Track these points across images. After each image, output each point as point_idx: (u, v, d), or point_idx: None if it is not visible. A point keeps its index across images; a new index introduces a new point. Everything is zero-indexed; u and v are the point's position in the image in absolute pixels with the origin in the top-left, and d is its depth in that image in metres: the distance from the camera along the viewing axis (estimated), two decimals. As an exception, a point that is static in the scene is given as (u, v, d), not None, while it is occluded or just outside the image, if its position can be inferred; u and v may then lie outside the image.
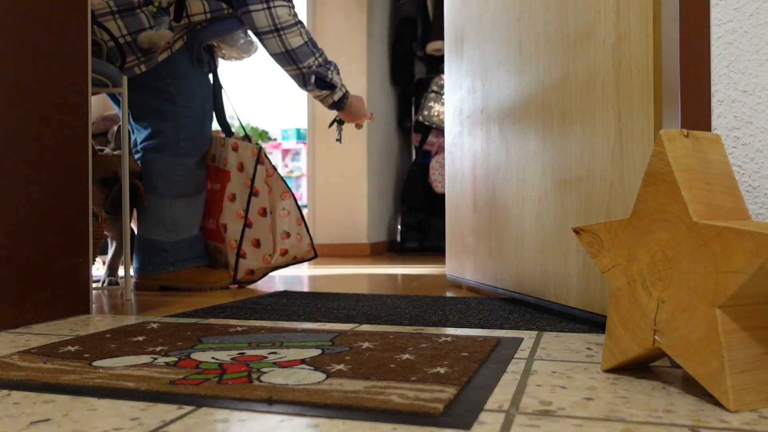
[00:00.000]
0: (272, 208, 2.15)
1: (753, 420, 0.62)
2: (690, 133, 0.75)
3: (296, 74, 1.96)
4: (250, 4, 1.84)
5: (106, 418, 0.66)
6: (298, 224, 2.20)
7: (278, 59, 1.94)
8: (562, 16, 1.27)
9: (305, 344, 1.02)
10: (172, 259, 1.96)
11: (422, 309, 1.46)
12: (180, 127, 1.96)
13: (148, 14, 1.85)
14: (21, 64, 1.28)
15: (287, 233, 2.16)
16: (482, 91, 1.74)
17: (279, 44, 1.88)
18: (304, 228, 2.23)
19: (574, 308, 1.23)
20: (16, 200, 1.26)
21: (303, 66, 1.92)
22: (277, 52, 1.90)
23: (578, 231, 0.87)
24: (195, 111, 2.00)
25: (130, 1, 1.83)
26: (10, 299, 1.24)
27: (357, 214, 3.92)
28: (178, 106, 1.97)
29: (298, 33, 1.89)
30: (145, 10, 1.85)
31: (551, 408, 0.67)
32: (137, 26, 1.84)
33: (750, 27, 0.90)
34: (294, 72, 1.95)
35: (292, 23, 1.88)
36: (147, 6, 1.85)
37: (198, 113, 2.01)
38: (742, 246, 0.63)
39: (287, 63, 1.93)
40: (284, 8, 1.86)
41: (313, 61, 1.93)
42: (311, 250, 2.23)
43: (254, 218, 2.09)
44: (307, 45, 1.91)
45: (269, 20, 1.85)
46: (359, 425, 0.62)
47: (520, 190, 1.48)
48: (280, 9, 1.85)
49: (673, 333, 0.71)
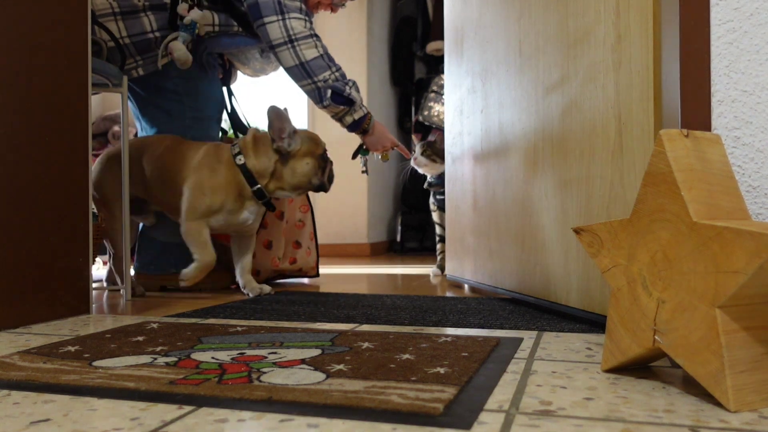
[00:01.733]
0: (289, 216, 2.16)
1: (753, 420, 0.62)
2: (690, 133, 0.75)
3: (311, 89, 1.88)
4: (265, 16, 1.82)
5: (106, 418, 0.66)
6: (310, 239, 2.23)
7: (293, 73, 1.87)
8: (562, 16, 1.27)
9: (305, 344, 1.01)
10: (174, 260, 1.96)
11: (422, 309, 1.46)
12: (186, 127, 1.97)
13: (151, 19, 1.86)
14: (21, 64, 1.28)
15: (299, 243, 2.19)
16: (482, 91, 1.74)
17: (293, 56, 1.83)
18: (314, 244, 2.25)
19: (574, 308, 1.23)
20: (16, 200, 1.26)
21: (318, 79, 1.85)
22: (291, 65, 1.84)
23: (578, 231, 0.87)
24: (202, 112, 2.01)
25: (134, 4, 1.84)
26: (10, 299, 1.24)
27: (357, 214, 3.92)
28: (186, 107, 1.98)
29: (313, 45, 1.84)
30: (149, 14, 1.85)
31: (551, 408, 0.67)
32: (138, 29, 1.85)
33: (750, 27, 0.90)
34: (309, 86, 1.88)
35: (307, 35, 1.84)
36: (151, 10, 1.86)
37: (205, 114, 2.02)
38: (742, 246, 0.63)
39: (302, 77, 1.86)
40: (299, 20, 1.83)
41: (329, 74, 1.86)
42: (315, 267, 2.25)
43: (270, 219, 2.10)
44: (322, 58, 1.85)
45: (283, 32, 1.81)
46: (359, 425, 0.62)
47: (520, 190, 1.48)
48: (294, 21, 1.82)
49: (673, 333, 0.71)
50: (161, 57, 1.87)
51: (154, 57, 1.90)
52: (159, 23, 1.87)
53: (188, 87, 1.97)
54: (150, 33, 1.86)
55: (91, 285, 1.45)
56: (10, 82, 1.26)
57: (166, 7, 1.87)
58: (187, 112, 1.98)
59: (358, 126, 1.98)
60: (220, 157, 1.76)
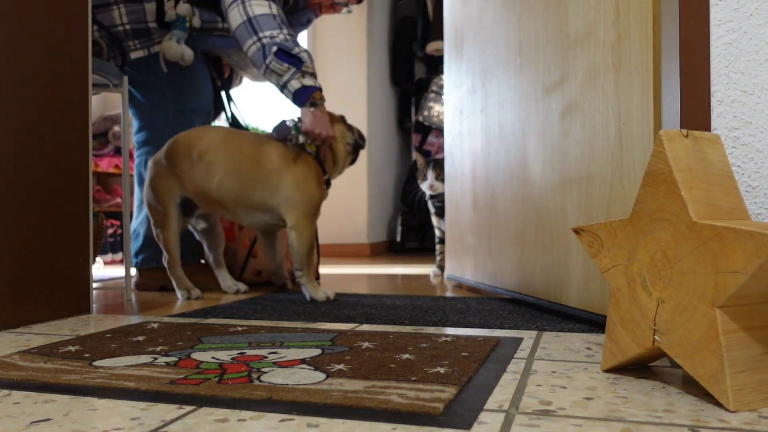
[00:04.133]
0: None
1: (753, 420, 0.62)
2: (690, 133, 0.75)
3: (256, 48, 1.67)
4: None
5: (107, 418, 0.66)
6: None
7: (239, 34, 1.70)
8: (562, 16, 1.27)
9: (305, 344, 1.02)
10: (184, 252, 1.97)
11: (422, 309, 1.46)
12: (169, 120, 1.95)
13: (122, 11, 1.87)
14: (21, 65, 1.28)
15: None
16: (482, 91, 1.74)
17: (241, 13, 1.67)
18: (316, 248, 2.25)
19: (574, 308, 1.23)
20: (16, 200, 1.26)
21: (264, 35, 1.65)
22: (239, 22, 1.68)
23: (578, 231, 0.87)
24: (185, 105, 1.99)
25: None
26: (11, 299, 1.24)
27: (357, 214, 3.92)
28: (168, 101, 1.97)
29: (267, 6, 1.68)
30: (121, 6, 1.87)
31: (551, 408, 0.67)
32: (138, 16, 1.87)
33: (750, 27, 0.90)
34: (254, 47, 1.67)
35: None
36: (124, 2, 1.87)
37: (188, 108, 1.99)
38: (742, 246, 0.63)
39: (247, 35, 1.67)
40: None
41: (277, 33, 1.67)
42: (316, 271, 2.25)
43: None
44: (273, 18, 1.68)
45: None
46: (359, 425, 0.62)
47: (519, 190, 1.48)
48: None
49: (673, 333, 0.71)
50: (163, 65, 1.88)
51: (148, 42, 1.92)
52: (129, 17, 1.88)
53: (170, 81, 1.96)
54: (120, 26, 1.88)
55: (92, 285, 1.45)
56: (11, 82, 1.26)
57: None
58: (170, 105, 1.97)
59: (305, 95, 1.68)
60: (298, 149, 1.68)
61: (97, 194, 3.61)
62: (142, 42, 1.92)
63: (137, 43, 1.91)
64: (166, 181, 1.73)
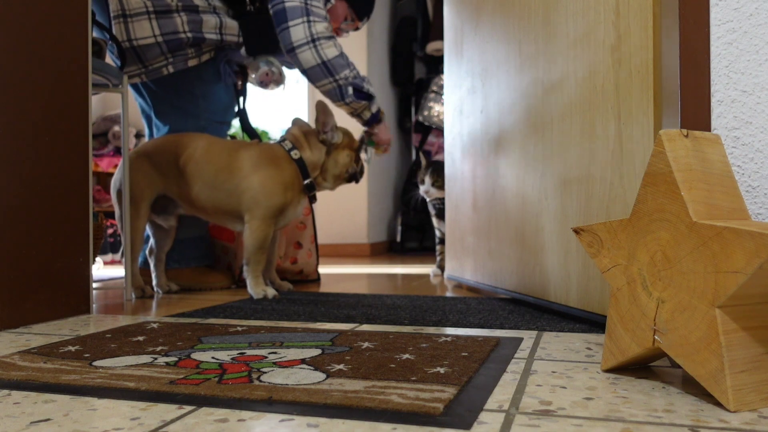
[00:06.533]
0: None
1: (753, 420, 0.62)
2: (690, 133, 0.75)
3: (332, 87, 1.92)
4: (290, 19, 1.86)
5: (107, 418, 0.66)
6: (311, 241, 2.24)
7: (313, 73, 1.90)
8: (561, 16, 1.27)
9: (305, 344, 1.02)
10: (177, 256, 1.98)
11: (422, 309, 1.46)
12: (200, 126, 2.00)
13: (184, 19, 1.90)
14: (21, 65, 1.28)
15: (300, 244, 2.20)
16: (482, 91, 1.74)
17: (315, 56, 1.87)
18: (315, 247, 2.26)
19: (574, 308, 1.23)
20: (16, 200, 1.26)
21: (339, 77, 1.89)
22: (313, 64, 1.88)
23: (578, 231, 0.87)
24: (216, 114, 2.06)
25: (167, 3, 1.89)
26: (11, 299, 1.24)
27: (357, 214, 3.92)
28: (200, 108, 2.02)
29: (333, 45, 1.89)
30: (182, 14, 1.90)
31: (551, 408, 0.67)
32: (171, 28, 1.89)
33: (750, 27, 0.90)
34: (330, 85, 1.91)
35: (328, 36, 1.89)
36: (184, 11, 1.90)
37: (218, 117, 2.07)
38: (742, 246, 0.63)
39: (323, 76, 1.89)
40: (323, 24, 1.88)
41: (348, 72, 1.91)
42: (316, 271, 2.26)
43: None
44: (342, 56, 1.90)
45: (307, 33, 1.86)
46: (359, 425, 0.62)
47: (519, 191, 1.48)
48: (318, 24, 1.87)
49: (673, 333, 0.71)
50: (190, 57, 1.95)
51: (184, 56, 1.94)
52: (191, 25, 1.91)
53: (204, 90, 2.02)
54: (182, 33, 1.91)
55: (92, 285, 1.45)
56: (11, 82, 1.26)
57: (198, 10, 1.93)
58: (202, 113, 2.02)
59: (376, 119, 2.02)
60: (277, 153, 1.78)
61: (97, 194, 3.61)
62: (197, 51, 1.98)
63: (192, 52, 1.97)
64: (147, 177, 1.78)
